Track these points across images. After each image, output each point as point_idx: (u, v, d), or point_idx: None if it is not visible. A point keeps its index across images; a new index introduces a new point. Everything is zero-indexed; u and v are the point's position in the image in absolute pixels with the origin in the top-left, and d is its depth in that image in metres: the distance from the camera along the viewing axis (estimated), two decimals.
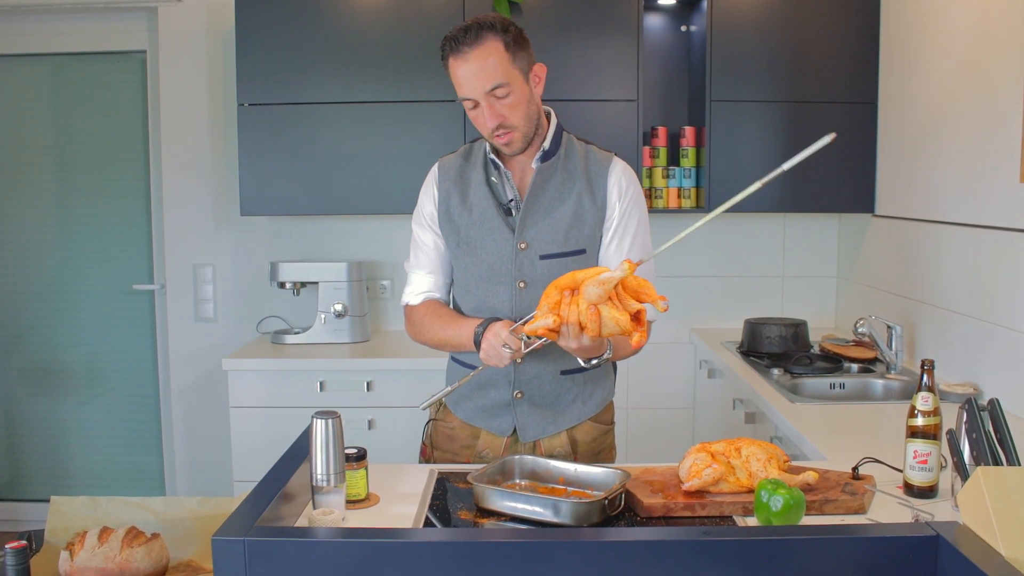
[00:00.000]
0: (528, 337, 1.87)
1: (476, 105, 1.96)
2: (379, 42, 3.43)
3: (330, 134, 3.48)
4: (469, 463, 2.13)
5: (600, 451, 2.20)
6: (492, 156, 2.07)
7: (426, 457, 2.25)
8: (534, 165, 2.06)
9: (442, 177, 2.13)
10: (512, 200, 2.07)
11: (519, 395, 2.09)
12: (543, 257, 2.04)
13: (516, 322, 1.93)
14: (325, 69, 3.45)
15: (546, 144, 2.06)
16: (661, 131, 3.64)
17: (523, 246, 2.05)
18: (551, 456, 2.04)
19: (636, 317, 1.70)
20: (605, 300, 1.68)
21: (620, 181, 2.08)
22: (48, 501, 1.72)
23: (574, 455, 2.13)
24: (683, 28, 3.74)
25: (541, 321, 1.74)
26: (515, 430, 2.12)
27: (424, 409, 2.02)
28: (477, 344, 1.97)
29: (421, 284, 2.16)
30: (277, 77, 3.45)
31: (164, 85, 3.80)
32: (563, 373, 2.10)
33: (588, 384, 2.15)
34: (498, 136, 1.99)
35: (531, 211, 2.05)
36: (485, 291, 2.08)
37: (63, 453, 4.12)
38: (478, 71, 1.91)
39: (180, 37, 3.78)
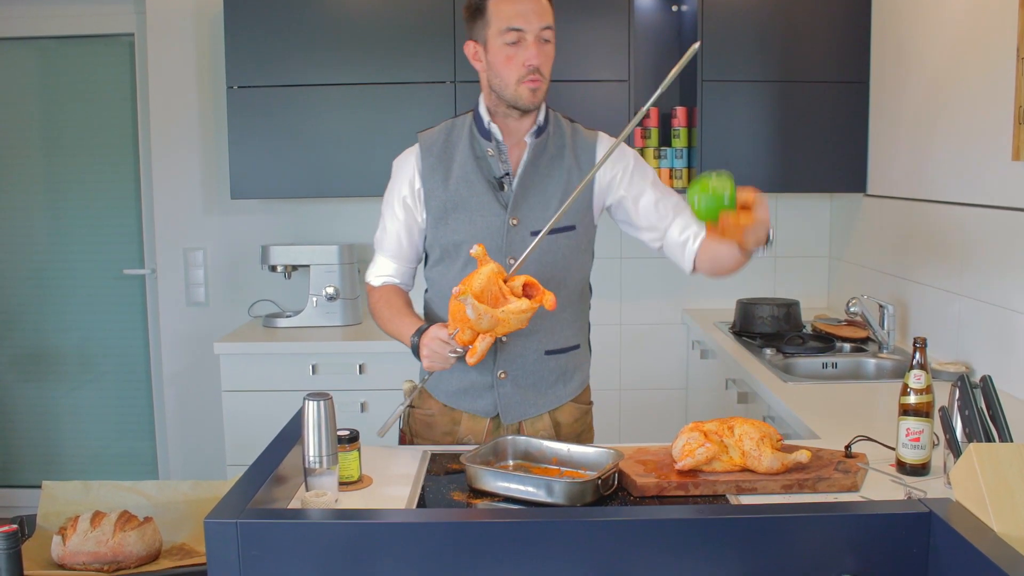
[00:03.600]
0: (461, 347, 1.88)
1: (519, 41, 1.93)
2: (369, 23, 3.41)
3: (320, 116, 3.46)
4: None
5: (582, 431, 2.20)
6: (492, 125, 2.04)
7: (406, 444, 2.21)
8: (527, 140, 2.06)
9: (425, 153, 2.10)
10: (506, 175, 2.05)
11: (503, 375, 2.07)
12: (534, 233, 2.01)
13: (448, 327, 1.88)
14: (315, 51, 3.42)
15: (540, 119, 2.06)
16: (652, 111, 3.62)
17: (514, 222, 2.03)
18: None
19: (527, 294, 1.82)
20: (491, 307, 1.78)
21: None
22: (40, 487, 1.71)
23: (557, 437, 2.11)
24: (674, 8, 3.72)
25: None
26: (497, 412, 2.10)
27: (382, 436, 2.01)
28: (414, 350, 1.97)
29: (384, 267, 2.17)
30: (266, 59, 3.42)
31: (152, 68, 3.77)
32: (547, 353, 2.09)
33: (569, 365, 2.14)
34: (532, 80, 1.96)
35: (524, 186, 2.04)
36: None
37: (55, 439, 4.11)
38: (537, 6, 1.94)
39: (168, 19, 3.74)
